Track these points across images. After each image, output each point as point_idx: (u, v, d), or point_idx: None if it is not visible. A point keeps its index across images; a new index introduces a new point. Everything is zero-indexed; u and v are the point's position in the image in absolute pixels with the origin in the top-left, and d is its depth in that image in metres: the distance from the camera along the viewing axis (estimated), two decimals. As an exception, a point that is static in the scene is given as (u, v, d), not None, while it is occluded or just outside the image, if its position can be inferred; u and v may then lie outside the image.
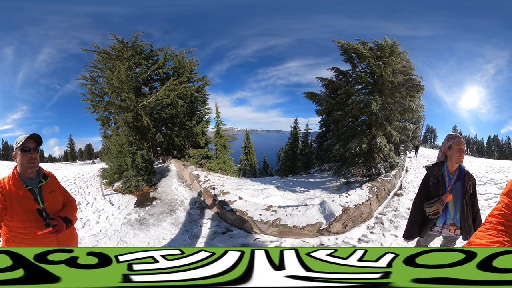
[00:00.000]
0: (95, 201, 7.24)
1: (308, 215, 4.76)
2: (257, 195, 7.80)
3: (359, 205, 5.03)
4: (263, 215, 4.86)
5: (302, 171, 16.56)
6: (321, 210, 4.93)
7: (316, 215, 4.75)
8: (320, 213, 4.83)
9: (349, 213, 4.73)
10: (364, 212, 5.09)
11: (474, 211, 2.35)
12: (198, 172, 8.32)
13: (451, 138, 2.31)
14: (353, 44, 9.46)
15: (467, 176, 2.31)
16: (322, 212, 4.85)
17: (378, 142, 9.07)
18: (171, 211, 6.16)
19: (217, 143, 14.58)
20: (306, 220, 4.60)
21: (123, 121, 11.76)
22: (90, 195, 7.89)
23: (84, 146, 30.17)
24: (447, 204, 2.33)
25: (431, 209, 2.31)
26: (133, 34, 12.94)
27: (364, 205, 5.12)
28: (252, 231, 4.70)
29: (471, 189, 2.32)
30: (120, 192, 8.00)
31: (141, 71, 12.83)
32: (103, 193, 7.81)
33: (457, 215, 2.35)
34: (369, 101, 8.47)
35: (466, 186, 2.29)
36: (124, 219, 5.73)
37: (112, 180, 8.54)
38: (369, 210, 5.30)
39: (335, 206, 4.89)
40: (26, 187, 1.84)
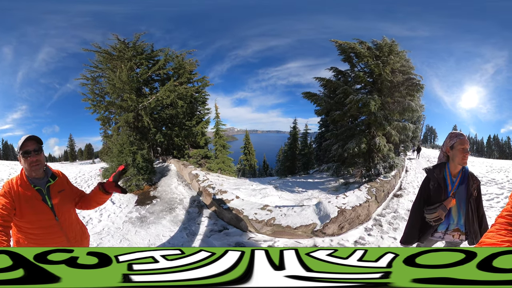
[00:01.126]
0: None
1: (303, 216, 4.74)
2: (255, 195, 7.82)
3: (357, 206, 4.97)
4: (259, 214, 4.86)
5: (301, 172, 16.56)
6: (316, 211, 4.90)
7: (311, 216, 4.72)
8: (315, 214, 4.81)
9: (345, 215, 4.66)
10: (362, 214, 5.02)
11: (479, 215, 2.14)
12: (197, 172, 8.34)
13: (454, 137, 2.04)
14: (351, 44, 9.41)
15: (471, 178, 2.08)
16: (318, 213, 4.83)
17: (377, 142, 9.01)
18: (170, 209, 6.21)
19: (216, 143, 14.61)
20: (300, 221, 4.58)
21: (124, 121, 11.77)
22: None
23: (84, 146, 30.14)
24: (450, 209, 2.10)
25: (432, 215, 2.08)
26: (134, 34, 12.98)
27: (361, 207, 5.06)
28: (247, 229, 4.71)
29: (475, 192, 2.09)
30: None
31: (141, 71, 12.85)
32: None
33: (461, 221, 2.12)
34: (368, 100, 8.41)
35: (471, 190, 2.06)
36: (126, 217, 5.78)
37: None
38: (367, 212, 5.24)
39: (331, 208, 4.84)
40: (34, 188, 1.84)
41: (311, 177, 12.98)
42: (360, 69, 9.81)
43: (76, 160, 27.46)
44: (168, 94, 12.13)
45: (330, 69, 10.57)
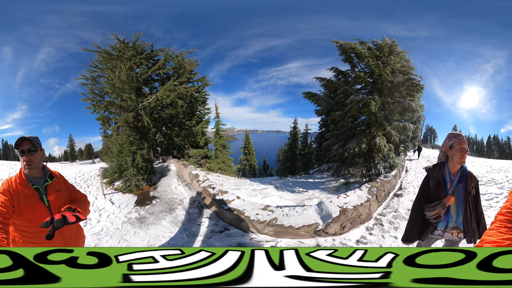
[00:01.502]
0: (96, 200, 7.27)
1: (305, 216, 4.75)
2: (256, 195, 7.79)
3: (358, 206, 5.00)
4: (260, 214, 4.84)
5: (301, 172, 16.57)
6: (318, 211, 4.91)
7: (313, 216, 4.73)
8: (317, 214, 4.82)
9: (347, 214, 4.70)
10: (363, 213, 5.06)
11: (477, 213, 2.22)
12: (197, 172, 8.32)
13: (453, 137, 2.13)
14: (352, 44, 9.45)
15: (469, 177, 2.18)
16: (319, 213, 4.84)
17: (378, 142, 9.05)
18: (170, 210, 6.19)
19: (216, 143, 14.59)
20: (302, 221, 4.58)
21: (124, 121, 11.78)
22: (91, 194, 7.92)
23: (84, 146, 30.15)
24: (449, 207, 2.19)
25: (432, 213, 2.18)
26: (134, 34, 12.98)
27: (363, 206, 5.09)
28: (248, 230, 4.70)
29: (474, 191, 2.19)
30: (121, 191, 8.01)
31: (141, 71, 12.84)
32: (104, 192, 7.83)
33: (460, 218, 2.21)
34: (368, 100, 8.46)
35: (469, 188, 2.16)
36: (125, 218, 5.77)
37: (112, 179, 8.57)
38: (368, 211, 5.27)
39: (333, 207, 4.87)
40: (32, 186, 1.87)
41: (312, 177, 12.99)
42: (360, 69, 9.84)
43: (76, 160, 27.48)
44: (168, 93, 12.13)
45: (330, 69, 10.63)
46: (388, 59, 9.04)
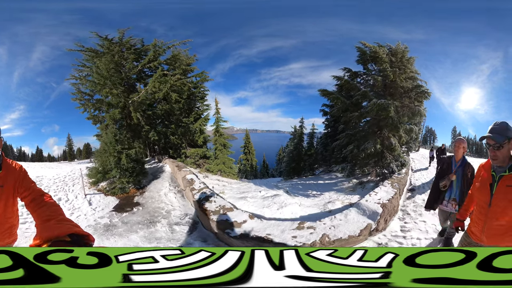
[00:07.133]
0: (75, 199, 7.26)
1: (352, 220, 4.66)
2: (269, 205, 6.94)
3: (391, 199, 5.59)
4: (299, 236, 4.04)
5: (307, 173, 16.56)
6: (360, 212, 5.04)
7: (360, 218, 4.82)
8: (361, 215, 4.95)
9: (388, 208, 5.19)
10: (396, 205, 5.75)
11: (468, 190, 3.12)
12: (193, 177, 7.65)
13: (455, 141, 3.72)
14: (376, 48, 10.30)
15: (467, 165, 3.60)
16: (363, 213, 4.98)
17: (393, 143, 10.03)
18: (150, 222, 5.70)
19: (216, 142, 14.14)
20: (355, 226, 4.47)
21: (110, 118, 11.84)
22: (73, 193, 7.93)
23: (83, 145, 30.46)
24: (452, 182, 3.64)
25: (442, 183, 3.64)
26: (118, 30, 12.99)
27: (394, 199, 5.73)
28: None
29: (469, 174, 3.51)
30: (103, 193, 7.92)
31: (129, 65, 12.88)
32: (85, 192, 7.85)
33: (457, 192, 3.62)
34: (388, 105, 9.35)
35: (466, 172, 3.56)
36: (94, 222, 5.61)
37: (96, 179, 8.51)
38: (397, 203, 5.99)
39: (373, 205, 5.20)
40: None
41: (319, 178, 12.99)
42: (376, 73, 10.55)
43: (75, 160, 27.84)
44: (158, 86, 12.07)
45: (343, 69, 11.35)
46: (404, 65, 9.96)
